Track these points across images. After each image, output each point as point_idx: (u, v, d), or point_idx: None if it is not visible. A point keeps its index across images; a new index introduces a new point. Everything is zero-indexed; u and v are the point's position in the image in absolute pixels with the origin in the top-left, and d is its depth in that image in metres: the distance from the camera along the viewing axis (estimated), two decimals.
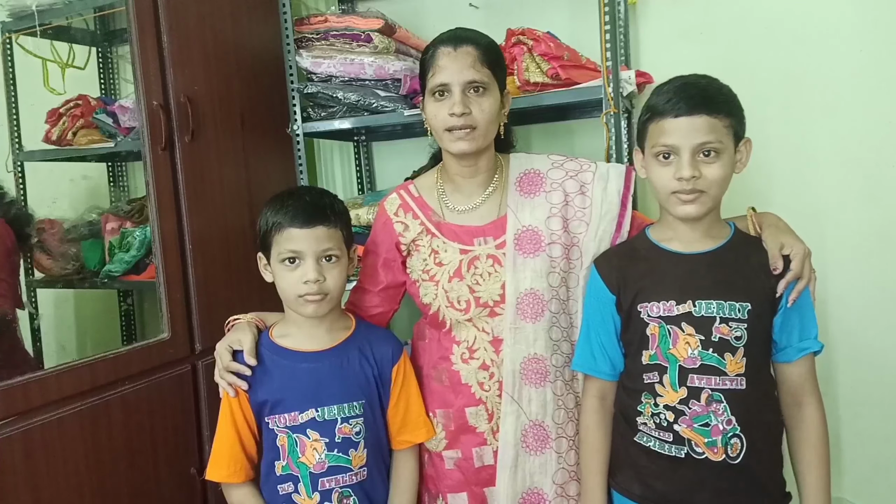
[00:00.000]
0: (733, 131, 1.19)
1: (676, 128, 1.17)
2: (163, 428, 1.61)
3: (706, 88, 1.18)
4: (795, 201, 1.86)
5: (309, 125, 1.97)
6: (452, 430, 1.39)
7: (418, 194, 1.45)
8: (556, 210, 1.38)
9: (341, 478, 1.30)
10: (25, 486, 1.33)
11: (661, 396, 1.21)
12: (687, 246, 1.25)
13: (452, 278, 1.36)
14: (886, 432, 1.83)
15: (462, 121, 1.30)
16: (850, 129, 1.80)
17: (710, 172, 1.17)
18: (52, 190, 2.13)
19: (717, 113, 1.16)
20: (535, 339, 1.34)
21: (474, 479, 1.39)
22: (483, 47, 1.34)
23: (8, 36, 2.03)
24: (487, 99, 1.32)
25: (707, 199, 1.18)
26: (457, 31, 1.37)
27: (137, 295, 2.31)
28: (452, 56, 1.31)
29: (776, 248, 1.21)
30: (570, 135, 2.08)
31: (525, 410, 1.34)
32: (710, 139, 1.16)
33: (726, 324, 1.18)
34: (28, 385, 1.36)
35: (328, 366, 1.32)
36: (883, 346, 1.82)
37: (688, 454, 1.19)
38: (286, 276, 1.28)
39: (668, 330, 1.21)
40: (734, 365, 1.17)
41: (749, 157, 1.24)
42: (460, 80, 1.30)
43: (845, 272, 1.83)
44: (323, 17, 1.93)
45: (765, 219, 1.29)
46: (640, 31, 1.98)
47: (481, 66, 1.31)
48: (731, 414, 1.17)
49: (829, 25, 1.80)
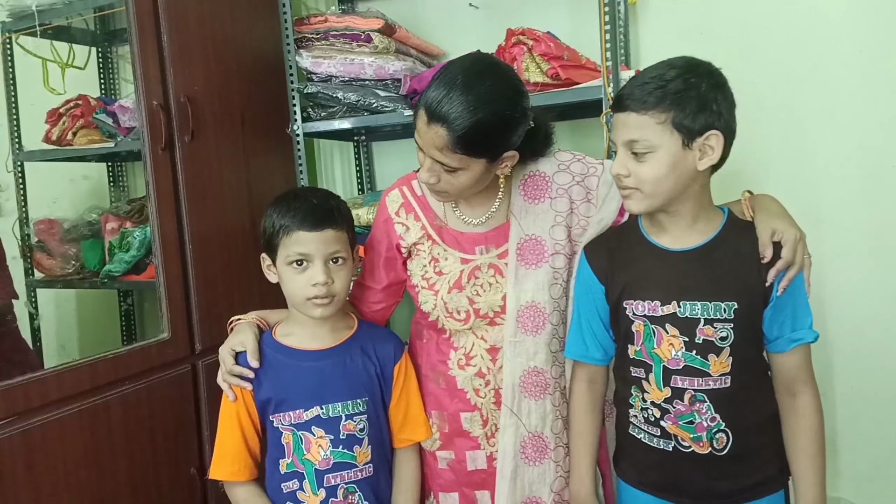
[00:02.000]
0: (672, 126, 1.11)
1: (616, 123, 1.16)
2: (163, 428, 1.61)
3: (646, 84, 1.12)
4: (795, 201, 1.84)
5: (309, 125, 1.97)
6: (447, 433, 1.39)
7: (422, 193, 1.39)
8: (560, 219, 1.34)
9: (346, 474, 1.31)
10: (25, 486, 1.33)
11: (648, 393, 1.22)
12: (675, 241, 1.21)
13: (452, 289, 1.33)
14: (886, 432, 1.83)
15: (432, 186, 1.24)
16: (850, 129, 1.80)
17: (641, 170, 1.14)
18: (52, 190, 2.14)
19: (646, 109, 1.11)
20: (536, 351, 1.32)
21: (466, 481, 1.39)
22: (456, 131, 1.15)
23: (8, 36, 2.03)
24: (460, 175, 1.21)
25: (643, 196, 1.15)
26: (439, 103, 1.15)
27: (137, 295, 2.31)
28: (423, 132, 1.20)
29: (767, 235, 1.15)
30: (570, 135, 2.08)
31: (524, 423, 1.33)
32: (634, 137, 1.13)
33: (711, 325, 1.16)
34: (28, 385, 1.36)
35: (331, 364, 1.33)
36: (882, 346, 1.82)
37: (675, 447, 1.20)
38: (294, 278, 1.27)
39: (653, 330, 1.20)
40: (718, 365, 1.16)
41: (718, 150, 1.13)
42: (430, 154, 1.20)
43: (844, 272, 1.83)
44: (323, 17, 1.93)
45: (758, 202, 1.22)
46: (640, 31, 1.98)
47: (451, 153, 1.17)
48: (714, 412, 1.17)
49: (829, 25, 1.80)
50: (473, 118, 1.14)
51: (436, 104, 1.15)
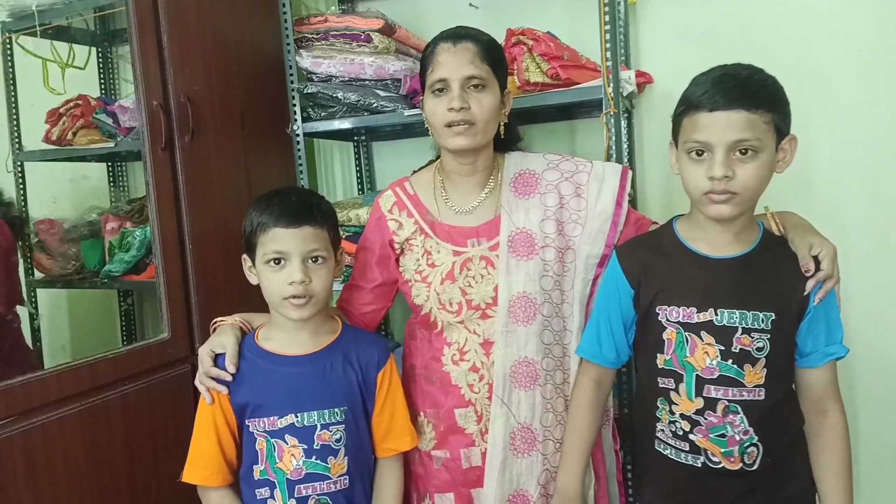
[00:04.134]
0: (774, 127, 1.10)
1: (711, 123, 1.09)
2: (163, 428, 1.61)
3: (747, 80, 1.10)
4: (795, 201, 1.85)
5: (309, 125, 1.97)
6: (442, 431, 1.39)
7: (414, 192, 1.45)
8: (550, 213, 1.37)
9: (318, 485, 1.27)
10: (25, 486, 1.33)
11: (677, 405, 1.19)
12: (715, 249, 1.19)
13: (445, 280, 1.36)
14: (886, 433, 1.83)
15: (461, 115, 1.29)
16: (850, 129, 1.80)
17: (744, 173, 1.09)
18: (52, 190, 2.14)
19: (756, 108, 1.07)
20: (527, 342, 1.34)
21: (461, 480, 1.39)
22: (483, 44, 1.33)
23: (8, 36, 2.03)
24: (486, 95, 1.31)
25: (740, 200, 1.11)
26: (457, 29, 1.36)
27: (137, 295, 2.31)
28: (452, 52, 1.31)
29: (806, 249, 1.17)
30: (570, 135, 2.08)
31: (514, 413, 1.34)
32: (746, 136, 1.07)
33: (748, 334, 1.14)
34: (28, 385, 1.36)
35: (310, 370, 1.29)
36: (883, 347, 1.82)
37: (704, 463, 1.17)
38: (271, 277, 1.25)
39: (687, 337, 1.17)
40: (753, 376, 1.14)
41: (793, 155, 1.15)
42: (459, 75, 1.30)
43: (845, 272, 1.80)
44: (323, 17, 1.93)
45: (788, 219, 1.25)
46: (640, 31, 1.98)
47: (481, 63, 1.31)
48: (748, 425, 1.15)
49: (829, 25, 1.80)
50: (490, 36, 1.38)
51: (459, 30, 1.36)
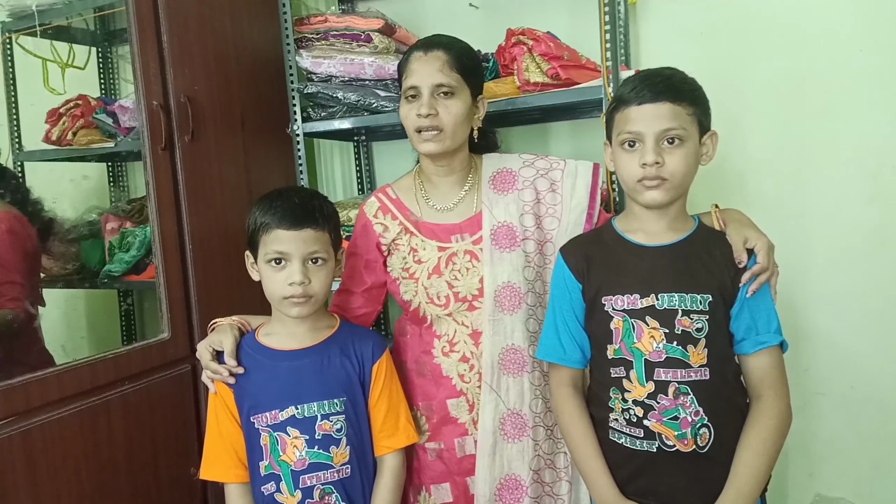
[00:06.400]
0: (697, 120, 1.20)
1: (640, 115, 1.19)
2: (163, 428, 1.62)
3: (670, 78, 1.21)
4: (795, 201, 1.86)
5: (309, 125, 1.97)
6: (435, 423, 1.43)
7: (396, 196, 1.50)
8: (528, 207, 1.43)
9: (322, 475, 1.29)
10: (25, 486, 1.33)
11: (629, 392, 1.22)
12: (651, 238, 1.26)
13: (431, 275, 1.41)
14: (886, 432, 1.83)
15: (428, 122, 1.36)
16: (850, 129, 1.80)
17: (672, 160, 1.18)
18: (52, 190, 2.13)
19: (680, 100, 1.18)
20: (513, 330, 1.38)
21: (457, 469, 1.42)
22: (454, 52, 1.38)
23: (8, 36, 2.04)
24: (455, 102, 1.37)
25: (670, 186, 1.19)
26: (431, 37, 1.43)
27: (137, 295, 2.32)
28: (423, 60, 1.38)
29: (740, 242, 1.23)
30: (571, 135, 2.08)
31: (503, 399, 1.38)
32: (673, 125, 1.17)
33: (688, 316, 1.19)
34: (28, 385, 1.36)
35: (309, 363, 1.32)
36: (882, 347, 1.81)
37: (659, 448, 1.20)
38: (272, 276, 1.28)
39: (633, 324, 1.22)
40: (697, 356, 1.19)
41: (715, 149, 1.25)
42: (429, 83, 1.36)
43: (844, 272, 1.83)
44: (323, 17, 1.93)
45: (729, 214, 1.30)
46: (640, 30, 1.98)
47: (450, 71, 1.36)
48: (698, 405, 1.18)
49: (829, 25, 1.80)
50: (462, 43, 1.43)
51: (433, 38, 1.42)
